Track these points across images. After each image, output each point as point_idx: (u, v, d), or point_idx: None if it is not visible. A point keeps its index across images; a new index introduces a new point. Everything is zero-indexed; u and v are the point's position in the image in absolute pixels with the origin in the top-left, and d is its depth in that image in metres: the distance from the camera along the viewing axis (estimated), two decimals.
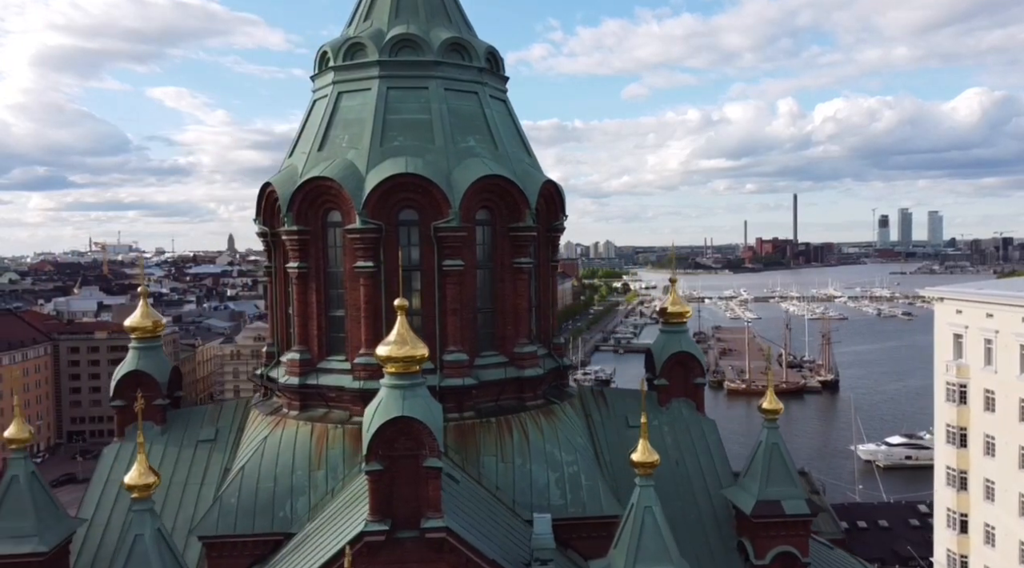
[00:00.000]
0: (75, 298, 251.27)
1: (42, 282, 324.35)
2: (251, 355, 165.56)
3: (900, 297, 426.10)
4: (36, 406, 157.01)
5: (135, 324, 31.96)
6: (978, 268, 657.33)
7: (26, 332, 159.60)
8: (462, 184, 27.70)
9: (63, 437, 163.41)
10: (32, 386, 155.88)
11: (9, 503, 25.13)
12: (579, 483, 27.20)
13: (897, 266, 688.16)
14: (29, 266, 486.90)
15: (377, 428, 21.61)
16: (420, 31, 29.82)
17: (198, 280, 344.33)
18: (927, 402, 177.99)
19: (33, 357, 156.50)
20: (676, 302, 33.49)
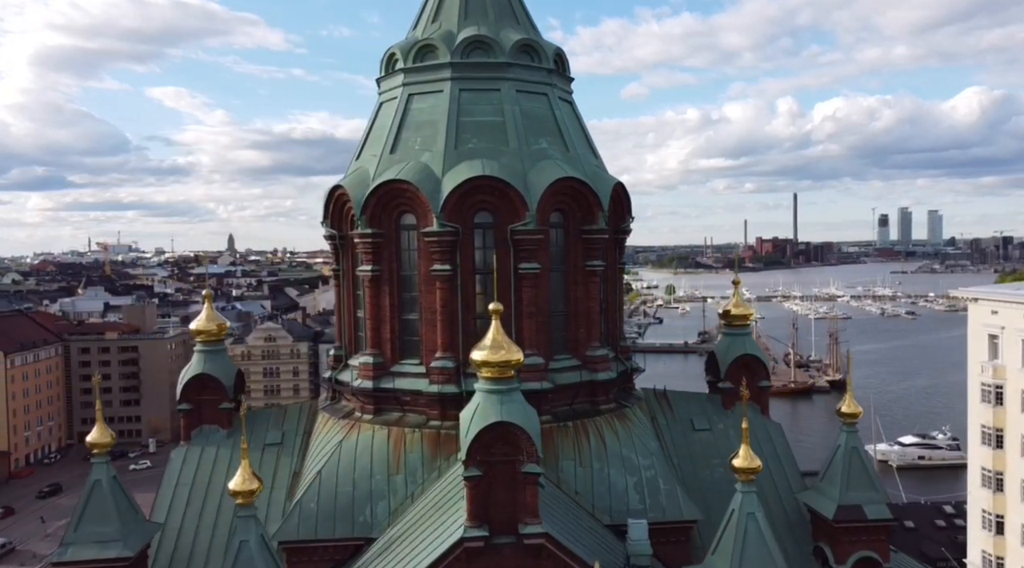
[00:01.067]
0: (81, 298, 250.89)
1: (45, 282, 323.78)
2: (262, 356, 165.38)
3: (902, 296, 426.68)
4: (47, 407, 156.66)
5: (200, 327, 31.82)
6: (979, 267, 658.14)
7: (37, 333, 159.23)
8: (539, 186, 27.57)
9: (74, 438, 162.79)
10: (43, 387, 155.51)
11: (92, 508, 25.06)
12: (657, 487, 27.07)
13: (897, 265, 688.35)
14: (30, 266, 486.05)
15: (476, 433, 21.46)
16: (491, 32, 29.70)
17: (202, 280, 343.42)
18: (937, 402, 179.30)
19: (44, 358, 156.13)
20: (739, 304, 33.39)
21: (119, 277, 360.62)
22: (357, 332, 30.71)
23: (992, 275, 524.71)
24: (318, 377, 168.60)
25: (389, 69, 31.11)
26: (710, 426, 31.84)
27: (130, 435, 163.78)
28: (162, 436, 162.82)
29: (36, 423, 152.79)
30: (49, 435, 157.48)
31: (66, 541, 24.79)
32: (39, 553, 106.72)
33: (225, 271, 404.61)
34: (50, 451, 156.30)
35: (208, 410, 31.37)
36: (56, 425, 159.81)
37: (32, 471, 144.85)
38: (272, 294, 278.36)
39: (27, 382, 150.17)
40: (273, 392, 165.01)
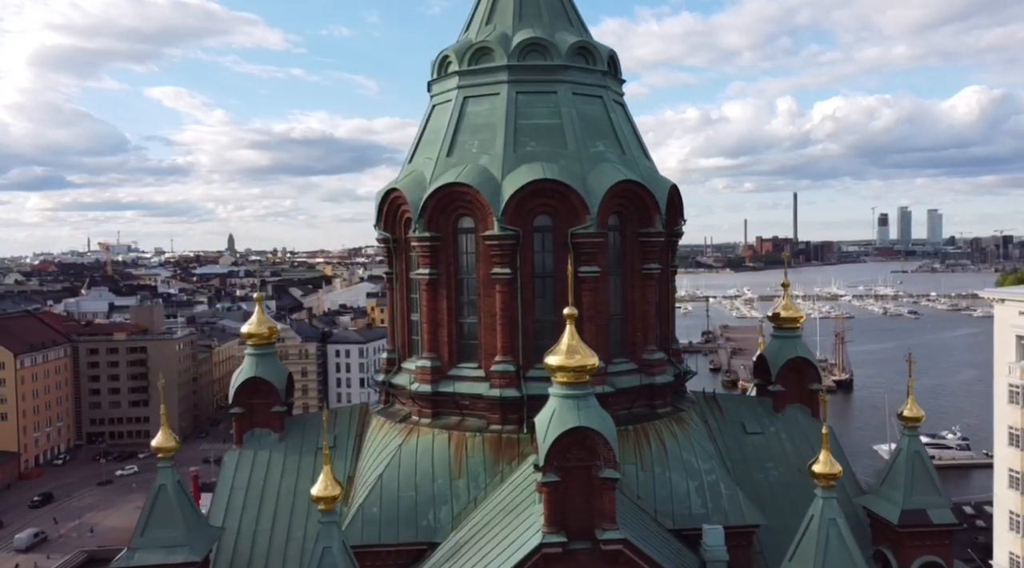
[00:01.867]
0: (85, 299, 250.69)
1: (48, 283, 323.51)
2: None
3: (904, 296, 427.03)
4: (56, 408, 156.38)
5: (252, 331, 31.75)
6: (979, 266, 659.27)
7: (45, 334, 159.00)
8: (599, 189, 27.49)
9: (82, 439, 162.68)
10: (52, 388, 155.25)
11: (158, 513, 24.98)
12: (719, 492, 26.99)
13: (897, 265, 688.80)
14: (32, 267, 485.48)
15: (554, 439, 21.39)
16: (546, 35, 29.61)
17: (205, 281, 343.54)
18: (944, 401, 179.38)
19: (53, 359, 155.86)
20: (789, 307, 33.35)
21: (121, 277, 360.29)
22: (411, 335, 30.62)
23: (993, 274, 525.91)
24: (326, 377, 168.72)
25: (442, 72, 31.01)
26: (762, 429, 31.78)
27: (138, 436, 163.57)
28: None
29: (45, 424, 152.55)
30: (58, 436, 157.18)
31: (133, 545, 24.72)
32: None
33: (228, 271, 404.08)
34: (59, 452, 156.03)
35: (260, 414, 31.27)
36: (65, 426, 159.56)
37: (42, 472, 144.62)
38: (276, 294, 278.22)
39: (36, 383, 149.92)
40: None
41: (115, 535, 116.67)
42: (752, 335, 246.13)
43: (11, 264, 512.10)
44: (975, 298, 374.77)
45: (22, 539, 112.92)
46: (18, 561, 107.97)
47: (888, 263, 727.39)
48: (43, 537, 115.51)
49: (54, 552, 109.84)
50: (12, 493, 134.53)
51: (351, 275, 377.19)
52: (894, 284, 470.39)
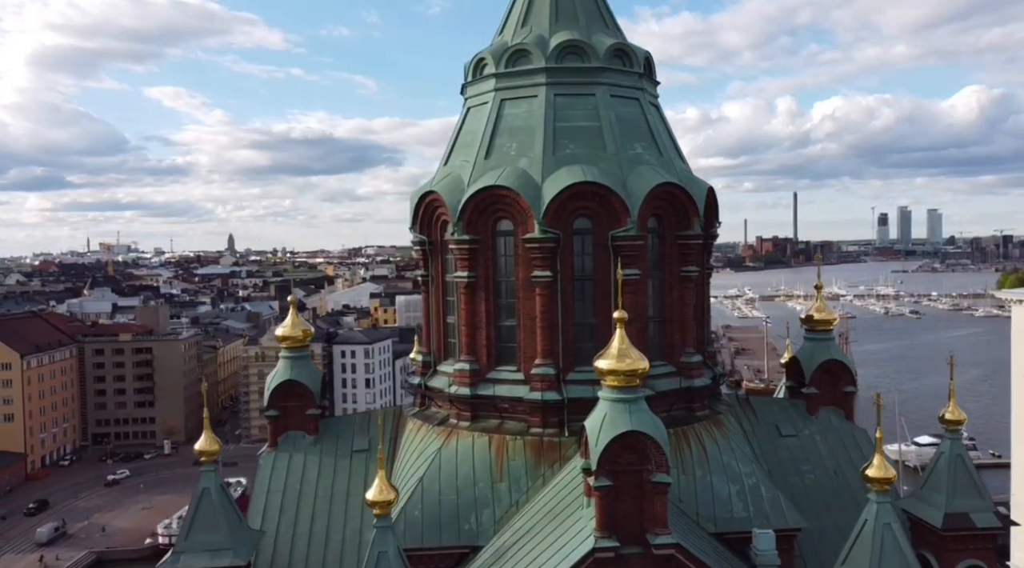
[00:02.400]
0: (88, 299, 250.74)
1: (50, 283, 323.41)
2: (275, 357, 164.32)
3: (905, 295, 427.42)
4: (63, 409, 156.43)
5: (286, 333, 31.65)
6: (979, 266, 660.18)
7: (51, 334, 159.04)
8: (639, 192, 27.44)
9: (88, 440, 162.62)
10: (58, 389, 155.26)
11: (202, 516, 24.96)
12: (760, 495, 26.91)
13: (897, 264, 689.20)
14: (33, 267, 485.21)
15: (607, 443, 21.34)
16: (583, 37, 29.55)
17: (207, 281, 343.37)
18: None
19: (59, 359, 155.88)
20: (822, 309, 33.31)
21: (123, 278, 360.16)
22: (447, 338, 30.57)
23: (993, 274, 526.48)
24: (332, 378, 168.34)
25: (477, 74, 30.94)
26: (796, 432, 31.71)
27: (144, 437, 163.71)
28: (176, 437, 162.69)
29: (52, 425, 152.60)
30: (64, 437, 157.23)
31: (177, 549, 24.69)
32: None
33: (230, 272, 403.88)
34: (65, 453, 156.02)
35: (294, 416, 31.18)
36: (71, 427, 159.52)
37: (49, 473, 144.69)
38: (279, 295, 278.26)
39: (43, 384, 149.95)
40: None
41: (123, 536, 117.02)
42: (754, 335, 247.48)
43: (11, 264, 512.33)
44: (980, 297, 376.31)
45: (43, 532, 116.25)
46: (41, 554, 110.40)
47: (888, 263, 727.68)
48: (63, 531, 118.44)
49: (63, 552, 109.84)
50: (21, 494, 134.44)
51: (353, 275, 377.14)
52: (895, 284, 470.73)
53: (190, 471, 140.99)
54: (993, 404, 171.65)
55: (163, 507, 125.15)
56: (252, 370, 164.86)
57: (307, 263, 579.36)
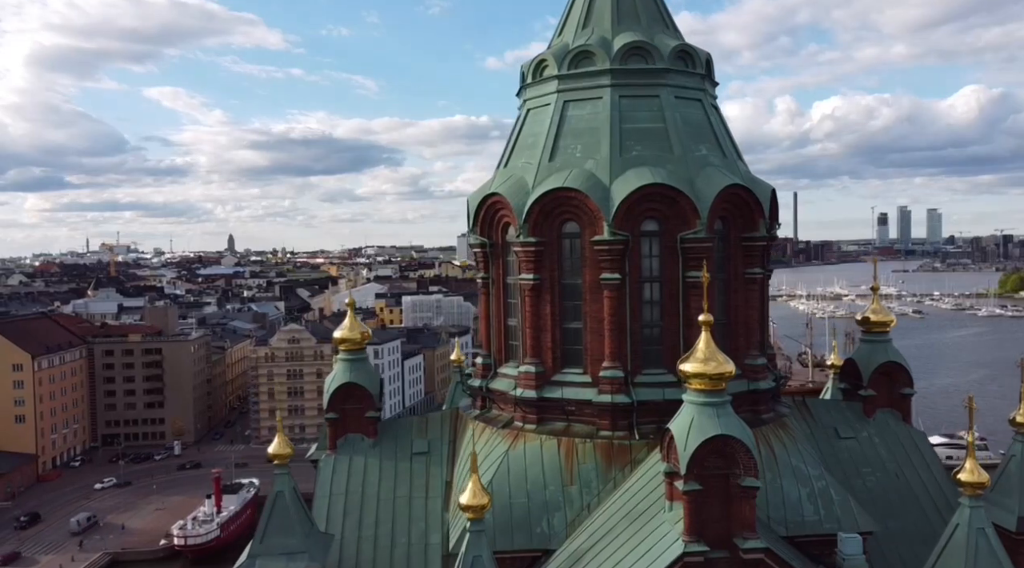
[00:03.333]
0: (93, 300, 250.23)
1: (54, 284, 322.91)
2: (285, 357, 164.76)
3: (907, 295, 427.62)
4: (73, 410, 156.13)
5: (344, 336, 31.48)
6: (979, 266, 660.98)
7: (61, 335, 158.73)
8: (708, 194, 27.35)
9: (98, 440, 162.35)
10: (68, 390, 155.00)
11: (276, 520, 24.90)
12: (830, 498, 26.76)
13: (898, 264, 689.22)
14: (33, 268, 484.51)
15: (696, 447, 21.26)
16: (646, 38, 29.45)
17: (211, 281, 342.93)
18: (957, 401, 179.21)
19: (69, 361, 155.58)
20: (879, 310, 33.23)
21: (125, 278, 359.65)
22: (509, 340, 30.46)
23: (994, 274, 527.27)
24: None
25: (537, 76, 30.82)
26: (854, 434, 31.63)
27: (153, 438, 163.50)
28: (186, 438, 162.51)
29: (62, 426, 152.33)
30: (74, 438, 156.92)
31: (252, 553, 24.59)
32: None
33: (233, 272, 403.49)
34: (75, 454, 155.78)
35: (352, 419, 31.05)
36: (81, 428, 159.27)
37: (59, 474, 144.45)
38: (284, 295, 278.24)
39: (53, 385, 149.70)
40: (297, 394, 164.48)
41: (137, 537, 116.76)
42: None
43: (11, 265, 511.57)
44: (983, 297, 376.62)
45: (75, 522, 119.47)
46: (81, 539, 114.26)
47: (888, 262, 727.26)
48: (95, 521, 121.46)
49: (79, 554, 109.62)
50: (32, 495, 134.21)
51: (356, 275, 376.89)
52: (896, 284, 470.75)
53: (201, 472, 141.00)
54: (1003, 403, 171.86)
55: (176, 508, 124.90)
56: (262, 371, 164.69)
57: (308, 263, 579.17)
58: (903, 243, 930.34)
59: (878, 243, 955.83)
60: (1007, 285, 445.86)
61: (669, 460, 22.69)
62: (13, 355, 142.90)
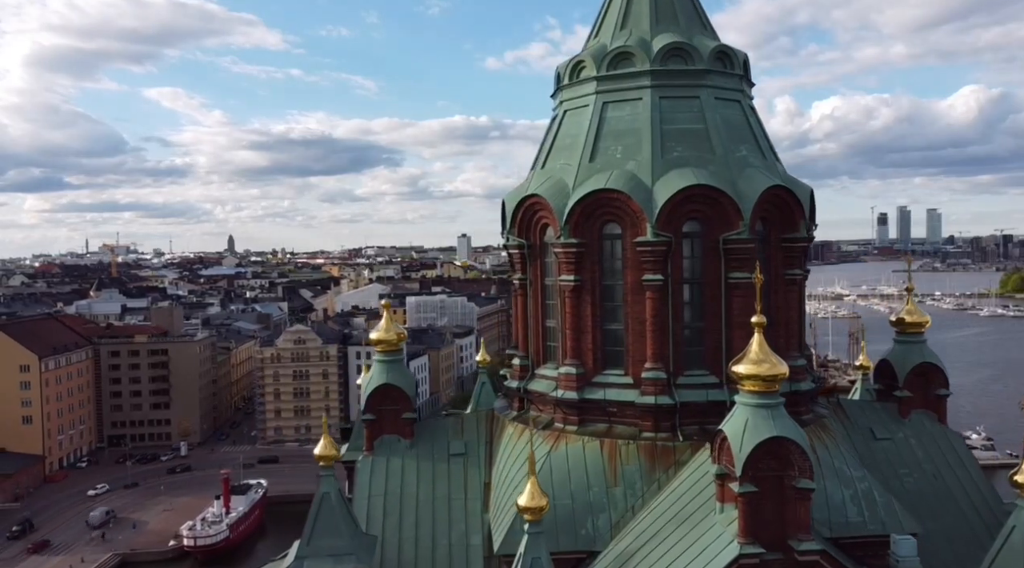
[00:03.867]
0: (96, 301, 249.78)
1: (56, 284, 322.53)
2: (291, 358, 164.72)
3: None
4: (79, 411, 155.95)
5: (381, 337, 31.45)
6: (980, 265, 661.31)
7: (68, 336, 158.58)
8: (751, 195, 27.33)
9: (104, 441, 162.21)
10: (75, 390, 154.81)
11: (323, 521, 24.91)
12: (874, 499, 26.72)
13: (898, 264, 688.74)
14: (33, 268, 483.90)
15: (752, 449, 21.23)
16: (685, 39, 29.42)
17: (213, 282, 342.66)
18: (963, 401, 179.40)
19: (76, 361, 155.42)
20: (914, 311, 33.17)
21: (127, 279, 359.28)
22: (547, 342, 30.43)
23: (994, 273, 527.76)
24: (347, 379, 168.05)
25: (574, 77, 30.78)
26: (890, 435, 31.57)
27: (159, 438, 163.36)
28: (192, 439, 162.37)
29: (69, 427, 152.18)
30: (80, 439, 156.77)
31: (299, 554, 24.57)
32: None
33: (235, 272, 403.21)
34: (81, 455, 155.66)
35: (389, 420, 31.02)
36: (87, 429, 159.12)
37: (67, 475, 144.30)
38: (287, 296, 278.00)
39: (60, 386, 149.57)
40: (303, 394, 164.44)
41: (146, 538, 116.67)
42: None
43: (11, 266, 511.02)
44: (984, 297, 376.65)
45: (95, 516, 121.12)
46: (103, 532, 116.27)
47: (888, 262, 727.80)
48: (113, 515, 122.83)
49: (88, 555, 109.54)
50: (40, 496, 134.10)
51: (357, 276, 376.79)
52: (897, 284, 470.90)
53: (209, 473, 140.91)
54: (1008, 403, 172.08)
55: (184, 509, 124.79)
56: (268, 371, 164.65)
57: (308, 264, 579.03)
58: (903, 243, 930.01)
59: (878, 243, 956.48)
60: (1008, 285, 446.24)
61: (720, 462, 22.67)
62: (20, 356, 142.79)
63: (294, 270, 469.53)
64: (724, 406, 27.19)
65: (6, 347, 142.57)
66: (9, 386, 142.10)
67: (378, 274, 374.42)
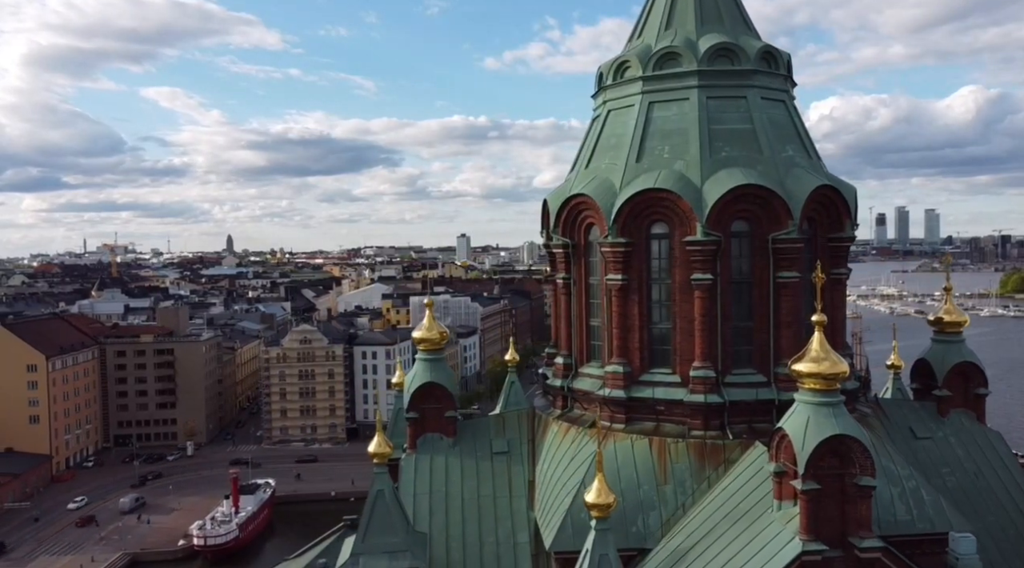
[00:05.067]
0: (99, 301, 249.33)
1: (57, 284, 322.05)
2: (297, 358, 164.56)
3: (908, 295, 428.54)
4: (85, 410, 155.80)
5: (424, 335, 31.54)
6: (978, 266, 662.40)
7: (74, 336, 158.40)
8: (799, 194, 27.48)
9: (110, 441, 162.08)
10: (81, 390, 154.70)
11: (377, 518, 25.01)
12: (921, 498, 26.69)
13: (897, 264, 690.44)
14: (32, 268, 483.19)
15: (815, 447, 21.33)
16: (731, 39, 29.57)
17: (214, 282, 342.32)
18: None
19: (82, 361, 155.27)
20: (952, 311, 33.32)
21: (128, 279, 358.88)
22: (591, 340, 30.55)
23: (993, 274, 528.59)
24: (353, 379, 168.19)
25: (618, 77, 30.90)
26: (930, 434, 31.71)
27: (165, 438, 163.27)
28: (198, 438, 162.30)
29: (75, 426, 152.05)
30: (87, 438, 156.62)
31: (355, 551, 24.66)
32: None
33: (236, 272, 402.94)
34: (88, 454, 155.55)
35: (431, 418, 31.12)
36: (93, 428, 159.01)
37: (73, 474, 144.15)
38: (289, 295, 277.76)
39: (67, 385, 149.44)
40: (308, 394, 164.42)
41: (155, 538, 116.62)
42: None
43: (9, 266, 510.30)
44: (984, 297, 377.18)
45: (126, 502, 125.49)
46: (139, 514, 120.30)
47: (887, 263, 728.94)
48: (143, 501, 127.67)
49: (98, 554, 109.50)
50: (48, 496, 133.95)
51: (359, 276, 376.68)
52: (896, 284, 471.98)
53: (216, 472, 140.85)
54: (1013, 402, 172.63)
55: (192, 508, 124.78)
56: (273, 371, 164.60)
57: (308, 264, 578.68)
58: (901, 243, 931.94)
59: (876, 243, 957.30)
60: (1008, 285, 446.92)
61: (779, 460, 22.76)
62: (28, 356, 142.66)
63: (295, 270, 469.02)
64: (772, 405, 27.43)
65: (14, 347, 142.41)
66: (16, 386, 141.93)
67: (379, 274, 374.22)
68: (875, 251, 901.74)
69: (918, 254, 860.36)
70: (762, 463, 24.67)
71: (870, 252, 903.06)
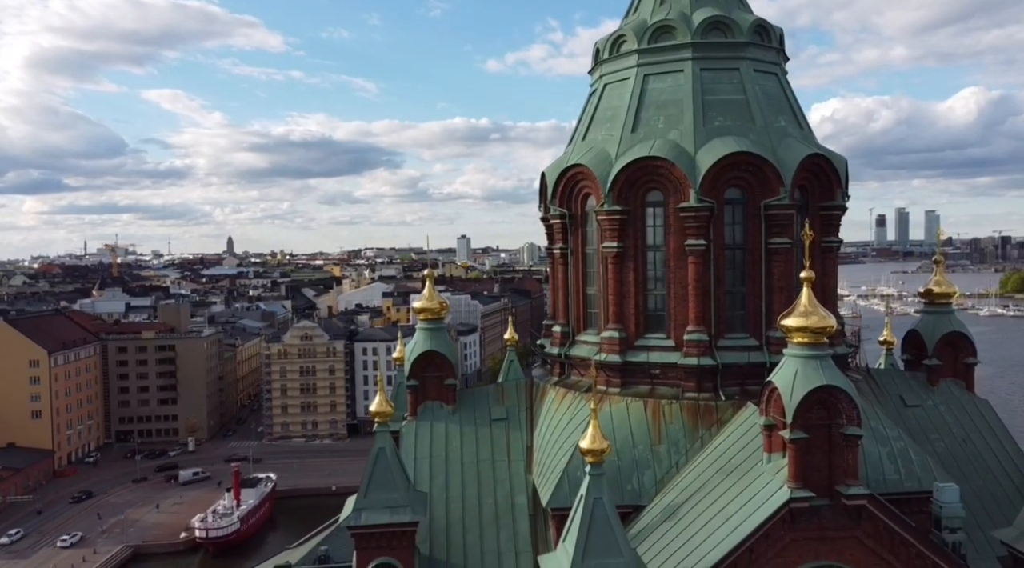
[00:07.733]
0: (100, 300, 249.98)
1: (58, 284, 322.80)
2: (298, 354, 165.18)
3: (908, 295, 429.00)
4: (87, 406, 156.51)
5: (424, 305, 32.22)
6: (978, 267, 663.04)
7: (76, 332, 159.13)
8: (791, 162, 28.17)
9: (111, 437, 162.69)
10: (83, 386, 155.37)
11: (379, 475, 25.61)
12: (909, 457, 27.39)
13: (896, 265, 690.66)
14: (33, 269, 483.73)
15: (802, 398, 21.98)
16: (725, 12, 30.26)
17: (215, 282, 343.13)
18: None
19: (84, 357, 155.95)
20: (942, 282, 34.02)
21: (129, 279, 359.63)
22: (587, 309, 31.22)
23: (993, 275, 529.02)
24: (354, 375, 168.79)
25: (614, 51, 31.61)
26: (920, 402, 32.38)
27: (166, 434, 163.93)
28: (199, 435, 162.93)
29: (77, 422, 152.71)
30: (89, 434, 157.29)
31: (357, 506, 25.29)
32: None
33: (236, 272, 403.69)
34: (89, 450, 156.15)
35: (432, 386, 31.79)
36: (95, 424, 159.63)
37: (75, 470, 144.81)
38: (290, 294, 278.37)
39: (69, 381, 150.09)
40: (309, 390, 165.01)
41: (157, 531, 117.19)
42: None
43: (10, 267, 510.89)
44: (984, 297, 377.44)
45: (186, 474, 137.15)
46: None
47: (887, 264, 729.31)
48: (206, 475, 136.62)
49: (101, 546, 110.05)
50: (51, 490, 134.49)
51: (359, 276, 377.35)
52: (896, 284, 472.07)
53: (218, 468, 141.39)
54: (1013, 399, 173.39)
55: (194, 502, 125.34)
56: (274, 367, 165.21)
57: (309, 264, 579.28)
58: (901, 244, 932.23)
59: (876, 244, 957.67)
60: (1008, 285, 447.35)
61: (768, 413, 23.40)
62: (30, 351, 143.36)
63: (295, 270, 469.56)
64: (764, 368, 28.04)
65: (16, 342, 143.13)
66: (19, 381, 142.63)
67: (380, 273, 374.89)
68: (875, 252, 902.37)
69: (918, 255, 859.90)
70: (753, 421, 25.34)
71: (870, 253, 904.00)
